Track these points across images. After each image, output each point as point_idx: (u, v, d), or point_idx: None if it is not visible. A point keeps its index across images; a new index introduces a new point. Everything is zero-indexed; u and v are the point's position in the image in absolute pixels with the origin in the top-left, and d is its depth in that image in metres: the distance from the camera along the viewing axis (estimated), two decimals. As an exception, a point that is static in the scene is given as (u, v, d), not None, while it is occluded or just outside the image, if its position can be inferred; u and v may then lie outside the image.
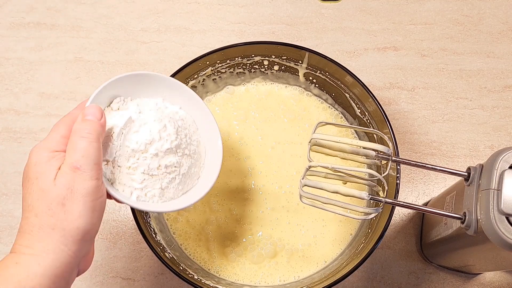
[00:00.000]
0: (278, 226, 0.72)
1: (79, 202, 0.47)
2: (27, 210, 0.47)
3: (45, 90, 0.86)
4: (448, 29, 0.90)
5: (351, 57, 0.88)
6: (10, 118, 0.84)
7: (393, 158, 0.58)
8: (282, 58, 0.75)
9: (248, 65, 0.77)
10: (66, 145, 0.49)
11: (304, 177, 0.58)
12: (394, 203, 0.57)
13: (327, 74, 0.75)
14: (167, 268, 0.63)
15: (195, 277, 0.66)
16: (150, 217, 0.69)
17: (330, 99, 0.79)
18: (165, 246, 0.68)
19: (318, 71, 0.75)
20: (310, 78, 0.78)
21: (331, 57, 0.71)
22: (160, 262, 0.63)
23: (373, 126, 0.72)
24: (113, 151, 0.54)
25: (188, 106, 0.62)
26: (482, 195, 0.52)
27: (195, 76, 0.74)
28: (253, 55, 0.75)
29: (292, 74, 0.78)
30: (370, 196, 0.55)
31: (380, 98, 0.82)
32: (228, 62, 0.75)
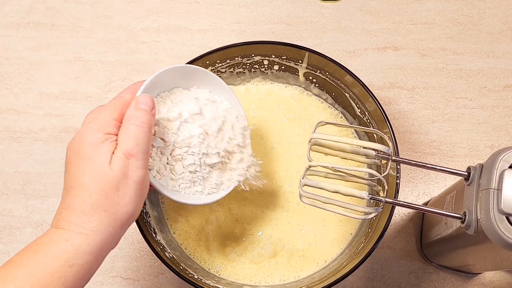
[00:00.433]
0: (278, 225, 0.72)
1: (131, 189, 0.49)
2: (80, 188, 0.48)
3: (45, 90, 0.86)
4: (448, 29, 0.90)
5: (351, 57, 0.88)
6: (10, 117, 0.84)
7: (393, 158, 0.58)
8: (282, 57, 0.75)
9: (248, 64, 0.77)
10: (117, 128, 0.51)
11: (304, 176, 0.58)
12: (394, 203, 0.57)
13: (327, 73, 0.74)
14: (167, 267, 0.63)
15: (195, 276, 0.66)
16: (150, 217, 0.69)
17: (330, 99, 0.78)
18: (165, 245, 0.68)
19: (318, 71, 0.75)
20: (310, 78, 0.78)
21: (331, 57, 0.71)
22: (160, 261, 0.63)
23: (373, 126, 0.72)
24: (157, 142, 0.55)
25: (230, 100, 0.65)
26: (482, 195, 0.52)
27: (195, 76, 0.74)
28: (253, 55, 0.75)
29: (292, 73, 0.78)
30: (370, 195, 0.55)
31: (380, 97, 0.82)
32: (228, 61, 0.75)
